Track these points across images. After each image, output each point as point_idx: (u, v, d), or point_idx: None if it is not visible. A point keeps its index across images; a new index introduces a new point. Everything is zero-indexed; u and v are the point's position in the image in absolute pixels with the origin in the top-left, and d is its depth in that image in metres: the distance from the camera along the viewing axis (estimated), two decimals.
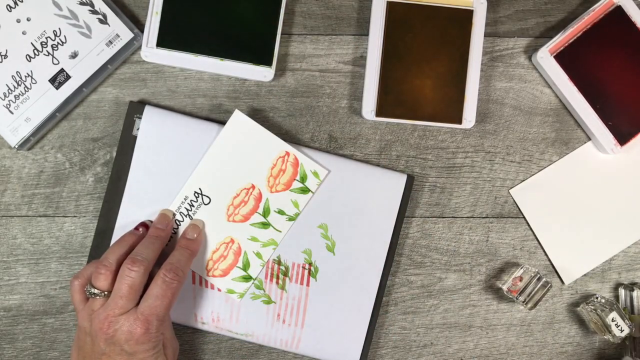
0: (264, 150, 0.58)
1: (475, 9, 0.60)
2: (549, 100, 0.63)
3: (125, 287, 0.50)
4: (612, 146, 0.61)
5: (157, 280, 0.51)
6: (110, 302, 0.50)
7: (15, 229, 0.59)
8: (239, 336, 0.59)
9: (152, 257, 0.52)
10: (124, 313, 0.50)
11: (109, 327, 0.50)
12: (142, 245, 0.53)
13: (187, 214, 0.58)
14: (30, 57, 0.57)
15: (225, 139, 0.57)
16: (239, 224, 0.58)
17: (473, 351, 0.62)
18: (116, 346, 0.50)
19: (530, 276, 0.59)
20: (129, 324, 0.50)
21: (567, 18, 0.63)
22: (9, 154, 0.59)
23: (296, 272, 0.59)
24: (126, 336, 0.50)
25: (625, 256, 0.63)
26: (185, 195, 0.58)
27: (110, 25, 0.58)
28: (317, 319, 0.59)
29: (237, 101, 0.60)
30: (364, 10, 0.61)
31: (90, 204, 0.59)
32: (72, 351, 0.53)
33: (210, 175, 0.58)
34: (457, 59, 0.60)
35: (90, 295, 0.51)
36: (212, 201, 0.58)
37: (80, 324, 0.52)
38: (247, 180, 0.58)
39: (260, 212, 0.58)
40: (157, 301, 0.50)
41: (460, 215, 0.62)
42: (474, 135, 0.62)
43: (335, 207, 0.59)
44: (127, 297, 0.50)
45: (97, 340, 0.50)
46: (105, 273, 0.51)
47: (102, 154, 0.59)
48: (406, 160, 0.62)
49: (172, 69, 0.60)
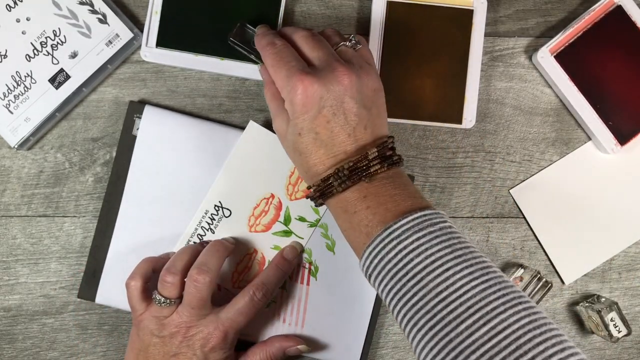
0: (280, 159, 0.58)
1: (476, 8, 0.60)
2: (549, 100, 0.63)
3: (195, 299, 0.51)
4: (612, 146, 0.61)
5: (244, 295, 0.52)
6: (183, 311, 0.51)
7: (15, 229, 0.59)
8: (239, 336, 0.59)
9: (218, 266, 0.53)
10: (201, 319, 0.51)
11: (187, 331, 0.51)
12: (207, 253, 0.53)
13: (209, 228, 0.58)
14: (29, 57, 0.57)
15: (242, 151, 0.58)
16: (261, 234, 0.58)
17: None
18: (190, 349, 0.51)
19: (530, 276, 0.59)
20: (208, 331, 0.51)
21: (568, 18, 0.63)
22: (8, 154, 0.59)
23: (296, 271, 0.59)
24: (202, 342, 0.51)
25: (626, 256, 0.63)
26: (206, 210, 0.58)
27: (110, 25, 0.58)
28: (317, 319, 0.59)
29: (237, 101, 0.60)
30: (364, 10, 0.61)
31: (90, 204, 0.59)
32: (128, 352, 0.53)
33: (229, 188, 0.58)
34: (457, 59, 0.60)
35: (159, 303, 0.51)
36: (233, 213, 0.58)
37: (143, 325, 0.52)
38: (266, 189, 0.58)
39: (281, 220, 0.58)
40: (240, 317, 0.52)
41: (460, 215, 0.62)
42: (474, 135, 0.62)
43: None
44: (198, 308, 0.51)
45: (172, 341, 0.51)
46: (173, 282, 0.51)
47: (102, 154, 0.59)
48: (406, 160, 0.62)
49: (172, 68, 0.60)
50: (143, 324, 0.52)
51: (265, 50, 0.50)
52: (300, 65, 0.47)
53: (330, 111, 0.46)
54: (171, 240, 0.58)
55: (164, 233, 0.58)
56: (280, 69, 0.48)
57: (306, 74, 0.46)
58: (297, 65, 0.47)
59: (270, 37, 0.51)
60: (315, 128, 0.47)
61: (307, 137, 0.47)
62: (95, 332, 0.60)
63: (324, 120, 0.47)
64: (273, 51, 0.49)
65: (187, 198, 0.58)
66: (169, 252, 0.57)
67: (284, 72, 0.47)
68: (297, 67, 0.47)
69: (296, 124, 0.47)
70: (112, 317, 0.60)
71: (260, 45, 0.51)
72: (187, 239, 0.58)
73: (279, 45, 0.49)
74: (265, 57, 0.50)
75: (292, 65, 0.47)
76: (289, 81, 0.47)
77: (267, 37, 0.51)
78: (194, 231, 0.58)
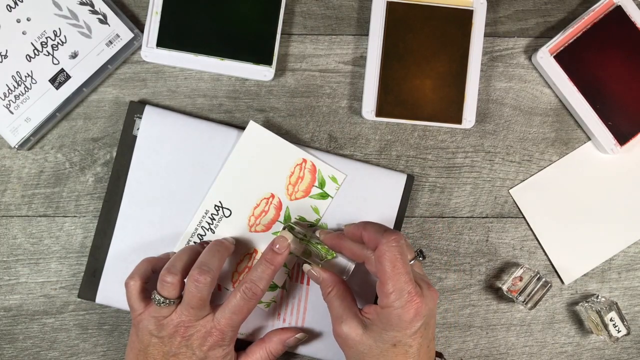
0: (281, 159, 0.58)
1: (475, 9, 0.60)
2: (549, 100, 0.63)
3: (195, 299, 0.51)
4: (612, 146, 0.61)
5: (236, 294, 0.52)
6: (182, 311, 0.51)
7: (15, 229, 0.59)
8: (239, 335, 0.59)
9: (218, 266, 0.52)
10: (199, 319, 0.51)
11: (185, 331, 0.51)
12: (207, 253, 0.53)
13: (209, 228, 0.58)
14: (30, 57, 0.57)
15: (242, 151, 0.58)
16: (261, 233, 0.58)
17: (473, 351, 0.62)
18: (189, 349, 0.51)
19: (530, 276, 0.59)
20: (205, 331, 0.51)
21: (567, 18, 0.63)
22: (9, 154, 0.59)
23: (296, 271, 0.59)
24: (200, 342, 0.51)
25: (625, 256, 0.63)
26: (206, 210, 0.58)
27: (110, 25, 0.58)
28: (317, 319, 0.59)
29: (237, 101, 0.60)
30: (364, 10, 0.62)
31: (90, 204, 0.60)
32: (128, 353, 0.53)
33: (229, 188, 0.58)
34: (457, 59, 0.60)
35: (159, 303, 0.51)
36: (233, 213, 0.58)
37: (142, 325, 0.52)
38: (266, 189, 0.58)
39: (281, 220, 0.58)
40: (234, 315, 0.52)
41: (460, 215, 0.62)
42: (474, 135, 0.62)
43: (335, 206, 0.59)
44: (198, 307, 0.51)
45: (171, 341, 0.51)
46: (172, 282, 0.51)
47: (102, 154, 0.60)
48: (406, 160, 0.62)
49: (172, 69, 0.60)
50: (142, 324, 0.52)
51: (390, 244, 0.48)
52: (411, 276, 0.48)
53: (424, 327, 0.49)
54: (171, 240, 0.58)
55: (164, 233, 0.58)
56: (401, 274, 0.47)
57: (416, 290, 0.48)
58: (411, 275, 0.48)
59: (398, 233, 0.50)
60: (410, 342, 0.48)
61: (401, 349, 0.48)
62: (95, 332, 0.60)
63: (419, 335, 0.48)
64: (399, 248, 0.48)
65: (187, 198, 0.58)
66: (169, 252, 0.57)
67: (403, 277, 0.47)
68: (411, 277, 0.48)
69: (395, 335, 0.48)
70: (112, 317, 0.60)
71: (386, 239, 0.49)
72: (187, 239, 0.58)
73: (402, 243, 0.49)
74: (388, 251, 0.48)
75: (410, 272, 0.48)
76: (402, 292, 0.47)
77: (397, 234, 0.49)
78: (194, 231, 0.58)
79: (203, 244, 0.56)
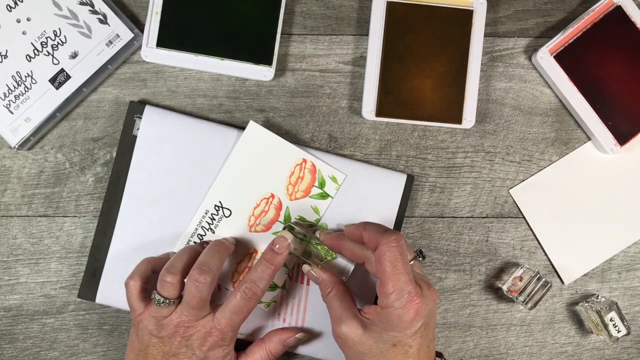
0: (281, 159, 0.58)
1: (475, 9, 0.60)
2: (549, 100, 0.63)
3: (195, 299, 0.51)
4: (612, 146, 0.61)
5: (236, 294, 0.52)
6: (182, 311, 0.51)
7: (15, 229, 0.59)
8: (239, 335, 0.59)
9: (219, 266, 0.52)
10: (199, 319, 0.51)
11: (185, 331, 0.51)
12: (208, 253, 0.53)
13: (209, 228, 0.58)
14: (30, 57, 0.57)
15: (242, 151, 0.58)
16: (261, 233, 0.58)
17: (473, 351, 0.62)
18: (189, 349, 0.51)
19: (530, 276, 0.59)
20: (205, 331, 0.51)
21: (567, 18, 0.63)
22: (9, 154, 0.59)
23: (296, 271, 0.59)
24: (200, 342, 0.51)
25: (625, 256, 0.63)
26: (206, 210, 0.58)
27: (110, 25, 0.58)
28: (317, 319, 0.59)
29: (237, 101, 0.60)
30: (364, 10, 0.62)
31: (90, 204, 0.60)
32: (127, 353, 0.53)
33: (229, 188, 0.58)
34: (457, 59, 0.60)
35: (159, 303, 0.51)
36: (233, 213, 0.58)
37: (142, 325, 0.52)
38: (266, 189, 0.58)
39: (281, 220, 0.58)
40: (234, 315, 0.52)
41: (460, 215, 0.62)
42: (474, 135, 0.62)
43: (335, 206, 0.59)
44: (198, 307, 0.51)
45: (171, 341, 0.51)
46: (172, 282, 0.51)
47: (102, 154, 0.60)
48: (406, 160, 0.62)
49: (172, 69, 0.60)
50: (142, 324, 0.52)
51: (390, 244, 0.48)
52: (411, 276, 0.48)
53: (424, 327, 0.49)
54: (171, 240, 0.58)
55: (164, 233, 0.58)
56: (401, 274, 0.48)
57: (417, 290, 0.48)
58: (411, 276, 0.48)
59: (398, 234, 0.50)
60: (410, 342, 0.48)
61: (401, 349, 0.48)
62: (95, 332, 0.60)
63: (419, 335, 0.48)
64: (399, 249, 0.48)
65: (187, 198, 0.58)
66: (169, 252, 0.57)
67: (404, 277, 0.47)
68: (411, 278, 0.48)
69: (395, 335, 0.48)
70: (112, 317, 0.60)
71: (386, 239, 0.48)
72: (187, 239, 0.58)
73: (402, 243, 0.49)
74: (388, 251, 0.48)
75: (410, 273, 0.48)
76: (402, 292, 0.47)
77: (397, 234, 0.49)
78: (194, 231, 0.58)
79: (203, 244, 0.56)
